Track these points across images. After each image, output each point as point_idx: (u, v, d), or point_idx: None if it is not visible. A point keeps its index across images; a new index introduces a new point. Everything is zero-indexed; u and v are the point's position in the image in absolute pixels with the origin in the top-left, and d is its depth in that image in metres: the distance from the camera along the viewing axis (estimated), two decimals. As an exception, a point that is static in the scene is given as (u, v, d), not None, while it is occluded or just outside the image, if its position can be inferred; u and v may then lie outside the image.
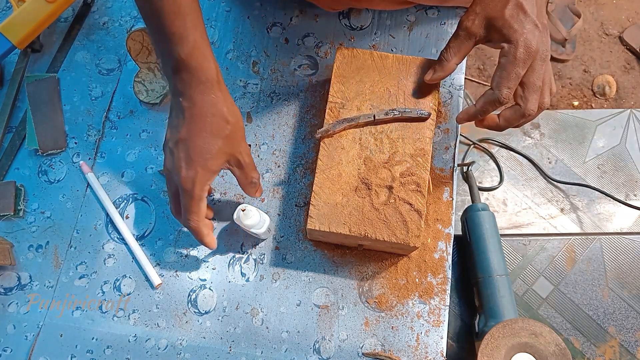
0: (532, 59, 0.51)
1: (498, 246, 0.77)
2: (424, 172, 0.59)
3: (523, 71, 0.51)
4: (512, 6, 0.51)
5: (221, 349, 0.61)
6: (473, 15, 0.54)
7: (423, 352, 0.61)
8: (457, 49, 0.56)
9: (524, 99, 0.52)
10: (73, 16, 0.76)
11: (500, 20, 0.51)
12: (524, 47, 0.50)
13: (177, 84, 0.53)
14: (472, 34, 0.54)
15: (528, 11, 0.51)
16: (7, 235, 0.66)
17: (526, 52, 0.50)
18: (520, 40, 0.50)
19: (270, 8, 0.75)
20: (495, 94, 0.52)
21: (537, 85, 0.52)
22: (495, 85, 0.52)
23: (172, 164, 0.55)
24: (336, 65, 0.63)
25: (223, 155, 0.55)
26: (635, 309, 0.84)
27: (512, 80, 0.51)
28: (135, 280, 0.64)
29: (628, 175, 1.00)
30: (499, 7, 0.52)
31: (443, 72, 0.58)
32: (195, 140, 0.53)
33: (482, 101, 0.54)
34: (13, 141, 0.70)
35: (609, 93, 1.48)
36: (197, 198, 0.54)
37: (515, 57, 0.50)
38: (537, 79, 0.52)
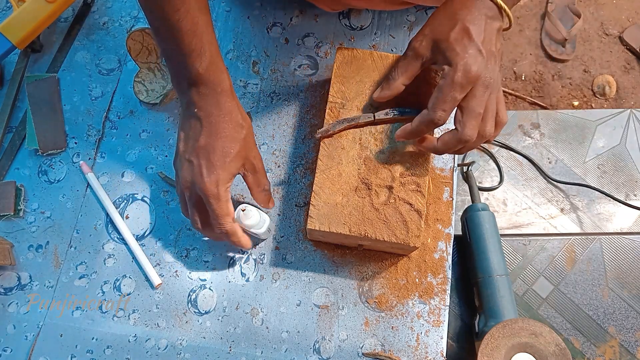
0: (472, 83, 0.50)
1: (498, 246, 0.77)
2: (424, 172, 0.59)
3: (460, 95, 0.51)
4: (458, 30, 0.51)
5: (221, 349, 0.61)
6: (421, 36, 0.55)
7: (423, 352, 0.61)
8: (404, 69, 0.56)
9: (462, 123, 0.52)
10: (73, 16, 0.76)
11: (445, 42, 0.51)
12: (463, 71, 0.50)
13: (193, 96, 0.56)
14: (419, 55, 0.55)
15: (473, 36, 0.51)
16: (7, 235, 0.66)
17: (464, 76, 0.50)
18: (460, 64, 0.50)
19: (270, 8, 0.75)
20: (429, 114, 0.52)
21: (476, 111, 0.51)
22: (431, 107, 0.52)
23: (192, 173, 0.56)
24: (336, 65, 0.63)
25: (240, 159, 0.57)
26: (635, 309, 0.84)
27: (448, 102, 0.51)
28: (135, 280, 0.64)
29: (628, 175, 1.00)
30: (445, 30, 0.52)
31: (389, 91, 0.58)
32: (215, 146, 0.55)
33: (418, 121, 0.54)
34: (13, 141, 0.70)
35: (609, 93, 1.47)
36: (224, 200, 0.55)
37: (453, 79, 0.50)
38: (477, 105, 0.51)
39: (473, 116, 0.51)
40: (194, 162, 0.55)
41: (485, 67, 0.51)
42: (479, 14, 0.52)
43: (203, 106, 0.56)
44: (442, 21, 0.53)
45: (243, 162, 0.58)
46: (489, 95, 0.52)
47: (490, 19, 0.52)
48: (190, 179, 0.56)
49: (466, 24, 0.51)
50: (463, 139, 0.52)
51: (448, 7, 0.54)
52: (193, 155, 0.56)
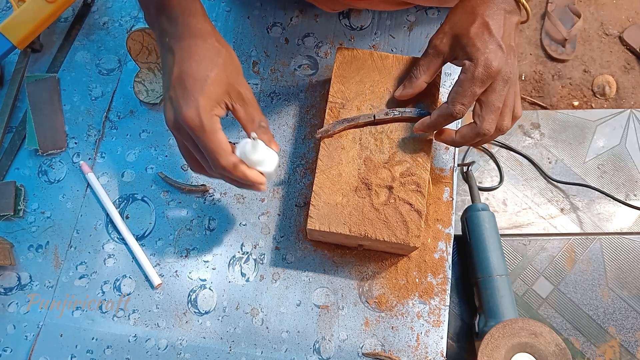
0: (492, 78, 0.51)
1: (498, 246, 0.77)
2: (424, 172, 0.59)
3: (480, 90, 0.51)
4: (477, 25, 0.51)
5: (221, 349, 0.61)
6: (442, 34, 0.55)
7: (423, 352, 0.61)
8: (426, 67, 0.57)
9: (481, 117, 0.52)
10: (73, 16, 0.76)
11: (465, 38, 0.52)
12: (484, 66, 0.50)
13: (163, 24, 0.51)
14: (440, 52, 0.55)
15: (493, 31, 0.51)
16: (7, 235, 0.66)
17: (485, 71, 0.50)
18: (480, 59, 0.50)
19: (270, 8, 0.75)
20: (449, 108, 0.53)
21: (495, 105, 0.52)
22: (450, 100, 0.53)
23: (172, 109, 0.49)
24: (336, 65, 0.63)
25: (221, 84, 0.50)
26: (635, 309, 0.84)
27: (467, 97, 0.51)
28: (135, 280, 0.64)
29: (628, 175, 1.00)
30: (465, 25, 0.52)
31: (412, 90, 0.58)
32: (188, 71, 0.49)
33: (436, 114, 0.55)
34: (13, 141, 0.70)
35: (609, 93, 1.47)
36: (209, 130, 0.48)
37: (474, 75, 0.51)
38: (496, 99, 0.52)
39: (492, 110, 0.52)
40: (173, 97, 0.49)
41: (506, 62, 0.51)
42: (497, 8, 0.52)
43: (173, 32, 0.50)
44: (461, 17, 0.53)
45: (226, 88, 0.50)
46: (508, 89, 0.52)
47: (509, 13, 0.52)
48: (173, 116, 0.49)
49: (486, 18, 0.51)
50: (481, 133, 0.53)
51: (467, 3, 0.54)
52: (170, 90, 0.50)
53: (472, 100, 0.52)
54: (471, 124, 0.54)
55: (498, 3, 0.52)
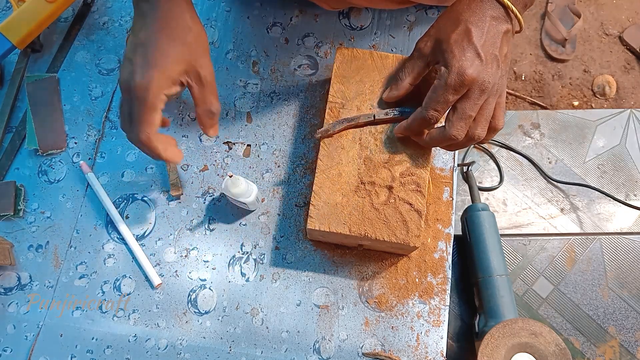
0: (467, 87, 0.50)
1: (498, 246, 0.77)
2: (424, 172, 0.59)
3: (453, 97, 0.51)
4: (459, 31, 0.51)
5: (221, 349, 0.61)
6: (427, 37, 0.55)
7: (423, 352, 0.61)
8: (410, 70, 0.57)
9: (450, 122, 0.52)
10: (73, 16, 0.76)
11: (445, 43, 0.51)
12: (457, 73, 0.50)
13: None
14: (423, 55, 0.55)
15: (473, 39, 0.50)
16: (7, 235, 0.66)
17: (458, 79, 0.50)
18: (455, 66, 0.50)
19: (270, 8, 0.75)
20: (422, 112, 0.53)
21: (467, 113, 0.51)
22: (424, 105, 0.53)
23: (128, 71, 0.51)
24: (336, 65, 0.63)
25: (182, 63, 0.52)
26: (635, 309, 0.84)
27: (440, 103, 0.51)
28: (135, 280, 0.64)
29: (628, 175, 1.00)
30: (448, 31, 0.52)
31: (397, 92, 0.58)
32: (154, 43, 0.51)
33: (412, 118, 0.55)
34: (13, 141, 0.70)
35: (609, 93, 1.47)
36: (149, 106, 0.50)
37: (447, 81, 0.50)
38: (468, 107, 0.51)
39: (462, 118, 0.51)
40: (132, 60, 0.51)
41: (483, 71, 0.50)
42: (483, 15, 0.51)
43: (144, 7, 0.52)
44: (446, 22, 0.53)
45: (186, 67, 0.52)
46: (486, 99, 0.52)
47: (495, 21, 0.52)
48: (126, 77, 0.51)
49: (469, 25, 0.51)
50: (448, 137, 0.52)
51: (454, 8, 0.54)
52: (131, 51, 0.51)
53: (445, 107, 0.52)
54: (441, 127, 0.53)
55: (484, 10, 0.51)
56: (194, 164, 0.68)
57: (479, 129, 0.53)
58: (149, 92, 0.50)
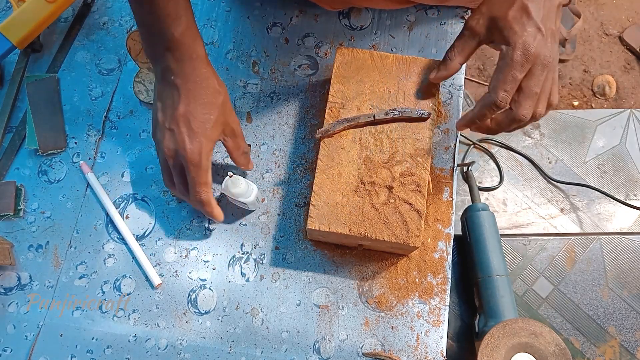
0: (531, 63, 0.49)
1: (498, 246, 0.77)
2: (424, 172, 0.59)
3: (521, 75, 0.50)
4: (516, 8, 0.50)
5: (221, 349, 0.61)
6: (479, 14, 0.53)
7: (423, 352, 0.61)
8: (461, 48, 0.55)
9: (517, 103, 0.51)
10: (73, 16, 0.76)
11: (503, 20, 0.50)
12: (522, 49, 0.49)
13: (169, 62, 0.56)
14: (476, 33, 0.54)
15: (532, 14, 0.50)
16: (7, 235, 0.66)
17: (524, 55, 0.49)
18: (518, 43, 0.49)
19: (270, 8, 0.75)
20: (491, 97, 0.51)
21: (533, 91, 0.50)
22: (492, 89, 0.51)
23: (174, 141, 0.56)
24: (336, 65, 0.63)
25: (220, 125, 0.58)
26: (635, 309, 0.84)
27: (509, 83, 0.50)
28: (135, 280, 0.64)
29: (628, 175, 1.00)
30: (503, 7, 0.51)
31: (447, 72, 0.57)
32: (195, 113, 0.55)
33: (479, 105, 0.53)
34: (13, 141, 0.70)
35: (609, 93, 1.47)
36: (205, 168, 0.56)
37: (513, 59, 0.49)
38: (534, 85, 0.50)
39: (529, 96, 0.50)
40: (175, 131, 0.56)
41: (545, 46, 0.50)
42: None
43: (179, 72, 0.56)
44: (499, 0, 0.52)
45: (223, 127, 0.58)
46: (546, 75, 0.51)
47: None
48: (174, 147, 0.56)
49: (525, 1, 0.50)
50: (517, 119, 0.51)
51: None
52: (173, 123, 0.56)
53: (514, 86, 0.50)
54: (507, 110, 0.52)
55: None
56: (194, 164, 0.68)
57: (540, 106, 0.52)
58: (202, 157, 0.55)
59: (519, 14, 0.50)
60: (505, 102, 0.51)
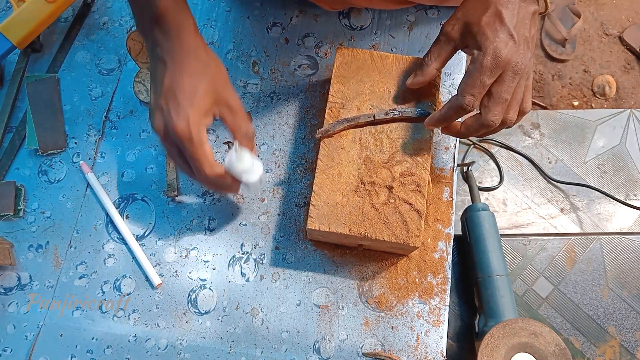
0: (502, 69, 0.50)
1: (498, 246, 0.77)
2: (424, 172, 0.59)
3: (489, 80, 0.50)
4: (490, 14, 0.51)
5: (221, 349, 0.61)
6: (454, 20, 0.54)
7: (423, 352, 0.61)
8: (437, 54, 0.56)
9: (487, 108, 0.51)
10: (73, 16, 0.76)
11: (476, 26, 0.51)
12: (492, 55, 0.49)
13: (157, 36, 0.53)
14: (451, 38, 0.54)
15: (505, 21, 0.50)
16: (7, 235, 0.66)
17: (494, 61, 0.49)
18: (489, 48, 0.49)
19: (270, 8, 0.75)
20: (458, 100, 0.52)
21: (503, 97, 0.51)
22: (460, 92, 0.52)
23: (163, 118, 0.52)
24: (336, 65, 0.63)
25: (210, 96, 0.53)
26: (635, 309, 0.84)
27: (477, 87, 0.50)
28: (135, 280, 0.64)
29: (628, 175, 1.00)
30: (477, 13, 0.51)
31: (423, 77, 0.57)
32: (181, 84, 0.52)
33: (446, 107, 0.54)
34: (13, 141, 0.70)
35: (609, 93, 1.48)
36: (197, 142, 0.51)
37: (482, 64, 0.50)
38: (504, 91, 0.50)
39: (499, 102, 0.51)
40: (163, 107, 0.52)
41: (517, 52, 0.50)
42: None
43: (166, 45, 0.53)
44: (474, 4, 0.52)
45: (215, 99, 0.53)
46: (518, 81, 0.51)
47: (524, 2, 0.51)
48: (163, 125, 0.52)
49: (498, 7, 0.50)
50: (485, 124, 0.52)
51: None
52: (162, 99, 0.52)
53: (482, 91, 0.51)
54: (476, 114, 0.52)
55: None
56: (194, 164, 0.68)
57: (511, 113, 0.52)
58: (191, 130, 0.51)
59: (492, 19, 0.50)
60: (472, 105, 0.51)
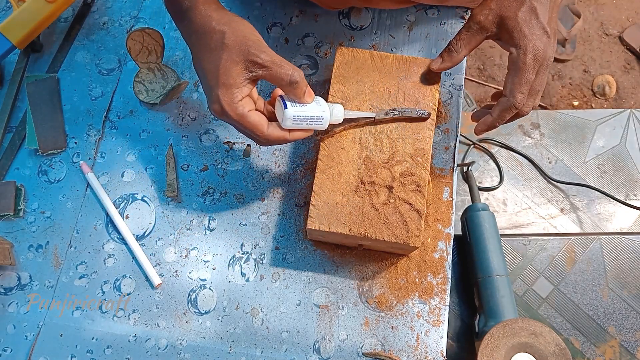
0: (540, 64, 0.51)
1: (498, 246, 0.77)
2: (424, 172, 0.59)
3: (533, 76, 0.52)
4: (526, 9, 0.51)
5: (221, 349, 0.61)
6: (487, 10, 0.54)
7: (423, 352, 0.61)
8: (467, 41, 0.56)
9: None
10: (73, 16, 0.76)
11: (513, 21, 0.52)
12: (533, 53, 0.51)
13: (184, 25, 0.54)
14: (484, 28, 0.54)
15: (540, 17, 0.51)
16: (7, 235, 0.66)
17: (534, 58, 0.51)
18: (529, 47, 0.51)
19: (270, 8, 0.75)
20: (510, 100, 0.53)
21: (536, 89, 0.53)
22: (509, 92, 0.53)
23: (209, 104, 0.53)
24: (336, 65, 0.63)
25: (232, 67, 0.50)
26: (635, 309, 0.84)
27: (524, 85, 0.52)
28: (135, 280, 0.64)
29: (628, 175, 1.00)
30: (513, 7, 0.52)
31: (451, 63, 0.58)
32: (202, 67, 0.52)
33: (499, 110, 0.55)
34: (13, 141, 0.70)
35: (609, 93, 1.48)
36: (237, 117, 0.51)
37: (525, 63, 0.51)
38: (539, 84, 0.53)
39: (535, 94, 0.53)
40: (204, 91, 0.53)
41: (550, 47, 0.51)
42: None
43: (185, 35, 0.54)
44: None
45: (242, 66, 0.51)
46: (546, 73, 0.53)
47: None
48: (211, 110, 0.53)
49: (533, 2, 0.51)
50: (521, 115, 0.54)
51: None
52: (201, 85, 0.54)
53: (528, 88, 0.52)
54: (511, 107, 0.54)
55: None
56: (194, 164, 0.68)
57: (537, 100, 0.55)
58: (225, 108, 0.51)
59: (528, 15, 0.51)
60: (523, 103, 0.53)
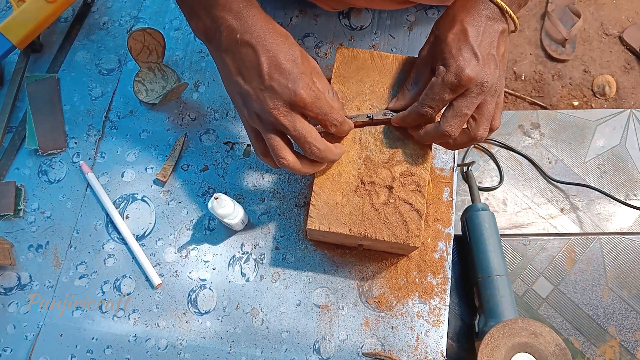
0: (465, 86, 0.50)
1: (498, 246, 0.77)
2: (424, 172, 0.59)
3: (449, 96, 0.51)
4: (455, 31, 0.51)
5: (221, 349, 0.61)
6: (427, 43, 0.56)
7: (423, 352, 0.61)
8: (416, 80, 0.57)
9: (445, 118, 0.52)
10: (73, 16, 0.76)
11: (443, 44, 0.52)
12: (455, 73, 0.50)
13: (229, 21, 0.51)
14: (425, 60, 0.56)
15: (470, 39, 0.51)
16: (7, 235, 0.66)
17: (456, 78, 0.50)
18: (452, 65, 0.50)
19: (270, 8, 0.75)
20: (418, 108, 0.54)
21: (462, 111, 0.51)
22: (420, 101, 0.53)
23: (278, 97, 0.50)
24: (336, 65, 0.63)
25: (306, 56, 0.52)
26: (635, 309, 0.84)
27: (435, 101, 0.52)
28: (135, 280, 0.64)
29: (628, 175, 1.00)
30: (445, 30, 0.52)
31: (404, 102, 0.58)
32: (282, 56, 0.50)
33: (408, 111, 0.56)
34: (13, 141, 0.70)
35: (609, 93, 1.48)
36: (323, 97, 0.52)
37: (444, 80, 0.51)
38: (464, 106, 0.51)
39: (456, 115, 0.52)
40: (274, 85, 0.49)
41: (482, 71, 0.50)
42: (478, 15, 0.52)
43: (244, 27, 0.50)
44: (443, 23, 0.54)
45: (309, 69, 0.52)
46: (484, 98, 0.52)
47: (491, 21, 0.52)
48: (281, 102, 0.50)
49: (465, 25, 0.51)
50: (441, 133, 0.53)
51: (450, 10, 0.54)
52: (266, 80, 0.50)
53: (440, 105, 0.52)
54: (436, 122, 0.54)
55: (480, 10, 0.52)
56: (194, 164, 0.68)
57: (481, 129, 0.53)
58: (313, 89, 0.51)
59: (457, 37, 0.51)
60: (429, 115, 0.53)
